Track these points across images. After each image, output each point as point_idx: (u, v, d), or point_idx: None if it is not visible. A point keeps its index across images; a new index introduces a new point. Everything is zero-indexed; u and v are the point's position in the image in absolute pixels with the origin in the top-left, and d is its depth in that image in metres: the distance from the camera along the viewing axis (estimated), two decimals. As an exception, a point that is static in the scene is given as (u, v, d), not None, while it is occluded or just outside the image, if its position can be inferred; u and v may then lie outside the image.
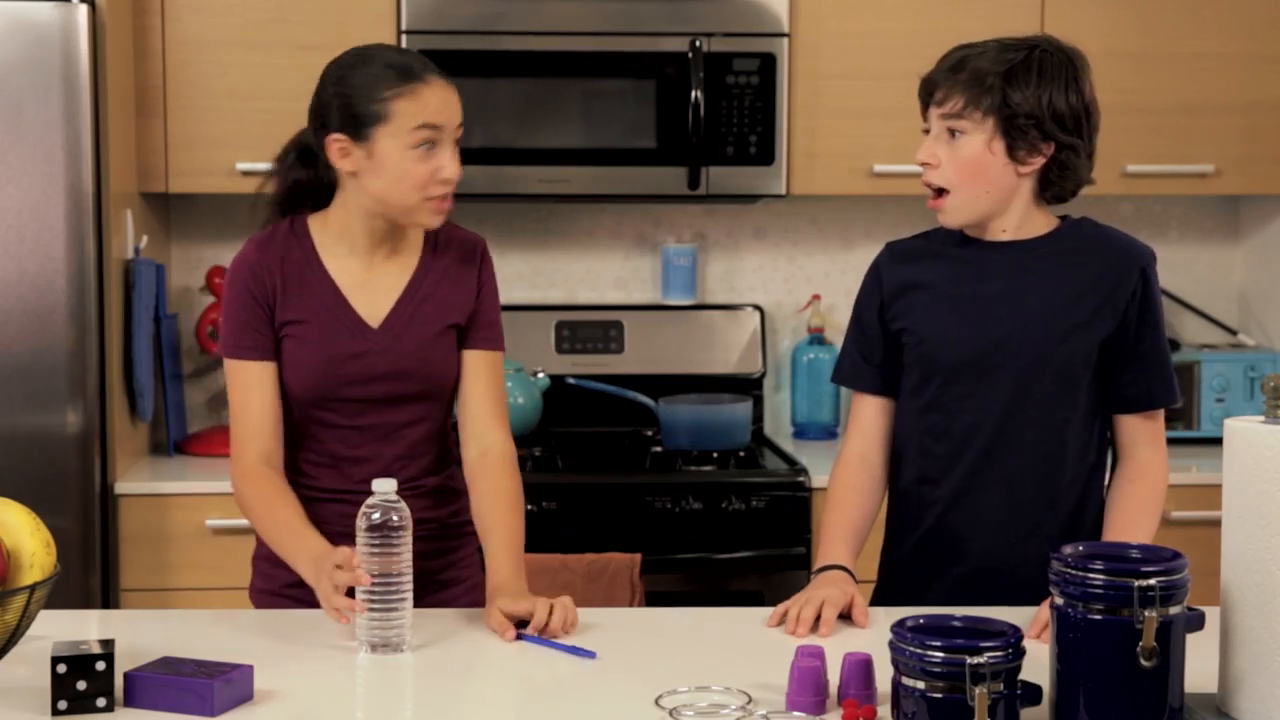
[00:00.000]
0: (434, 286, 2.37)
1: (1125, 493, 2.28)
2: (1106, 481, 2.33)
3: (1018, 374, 2.24)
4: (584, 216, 4.03)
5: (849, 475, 2.37)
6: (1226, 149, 3.74)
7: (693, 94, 3.54)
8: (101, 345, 3.29)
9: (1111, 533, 2.24)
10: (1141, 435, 2.29)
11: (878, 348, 2.36)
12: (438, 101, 2.27)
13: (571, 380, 3.81)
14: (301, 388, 2.34)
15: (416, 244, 2.40)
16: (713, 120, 3.58)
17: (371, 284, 2.36)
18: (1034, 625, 2.05)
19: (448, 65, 3.53)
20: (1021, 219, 2.27)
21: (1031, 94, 2.19)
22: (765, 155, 3.60)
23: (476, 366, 2.40)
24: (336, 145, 2.28)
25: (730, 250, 4.04)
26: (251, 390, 2.32)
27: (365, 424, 2.36)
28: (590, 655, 1.99)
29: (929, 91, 2.25)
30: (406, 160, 2.25)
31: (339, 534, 2.33)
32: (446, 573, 2.42)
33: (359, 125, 2.26)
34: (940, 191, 2.25)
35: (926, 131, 2.26)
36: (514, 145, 3.58)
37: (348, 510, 2.31)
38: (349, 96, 2.26)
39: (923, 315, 2.29)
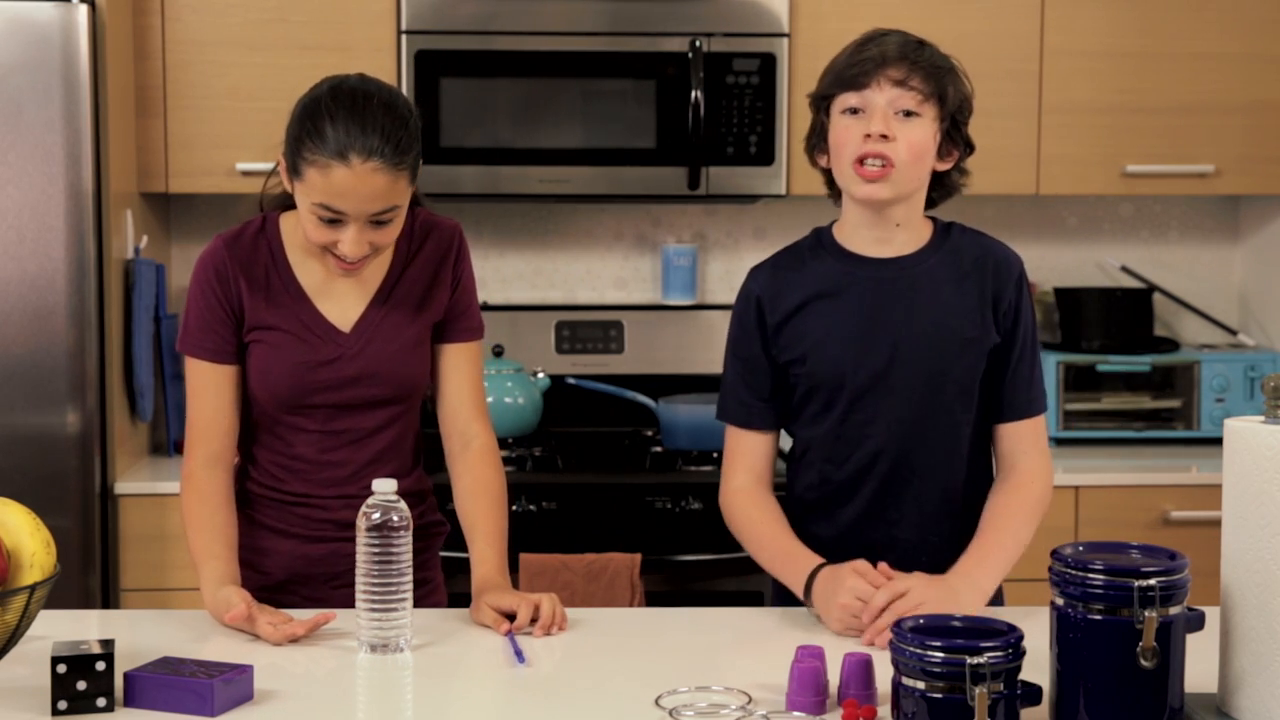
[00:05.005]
0: (409, 287, 2.33)
1: (998, 503, 2.23)
2: None
3: (918, 393, 2.21)
4: (584, 216, 4.03)
5: (754, 499, 2.29)
6: (1226, 149, 3.75)
7: (693, 94, 3.55)
8: (101, 345, 3.29)
9: (977, 536, 2.20)
10: (1023, 442, 2.26)
11: (765, 382, 2.30)
12: (345, 186, 2.14)
13: (571, 380, 3.81)
14: (273, 395, 2.30)
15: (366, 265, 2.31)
16: (713, 120, 3.58)
17: (341, 286, 2.31)
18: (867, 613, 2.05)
19: (448, 65, 3.51)
20: (915, 219, 2.25)
21: (963, 91, 2.23)
22: (765, 155, 3.61)
23: (456, 360, 2.38)
24: (281, 166, 2.24)
25: (730, 250, 4.04)
26: (205, 392, 2.30)
27: (336, 429, 2.33)
28: (521, 661, 1.98)
29: (873, 68, 2.17)
30: (309, 221, 2.19)
31: (306, 538, 2.35)
32: (416, 574, 2.40)
33: (289, 164, 2.21)
34: (885, 165, 2.17)
35: (855, 111, 2.17)
36: (514, 145, 3.58)
37: (313, 514, 2.35)
38: (293, 135, 2.20)
39: (816, 343, 2.24)
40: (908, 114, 2.17)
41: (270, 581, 2.35)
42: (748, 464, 2.32)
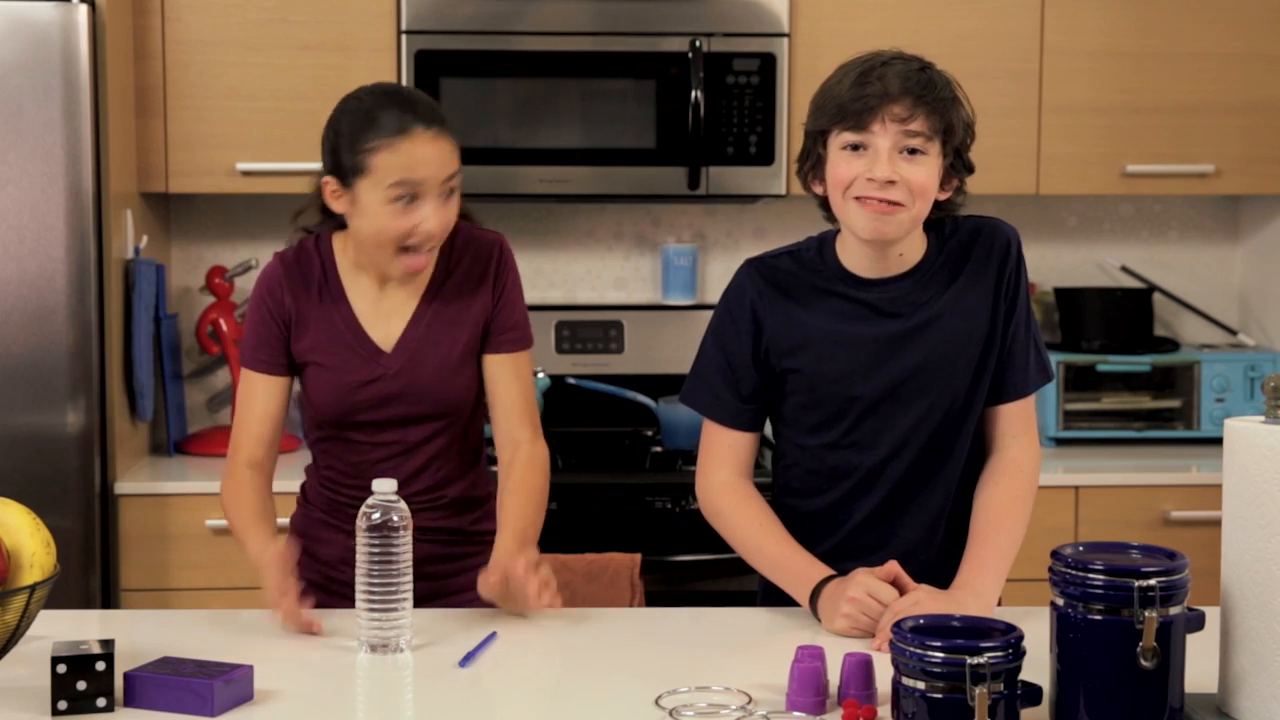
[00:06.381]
0: (445, 305, 2.39)
1: (991, 498, 2.21)
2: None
3: (931, 402, 2.19)
4: (584, 216, 4.03)
5: (743, 497, 2.27)
6: (1226, 149, 3.75)
7: (693, 94, 3.54)
8: (101, 345, 3.29)
9: (974, 540, 2.19)
10: (1014, 425, 2.24)
11: (748, 383, 2.26)
12: (420, 155, 2.25)
13: (571, 380, 3.81)
14: (323, 411, 2.40)
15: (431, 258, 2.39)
16: (713, 120, 3.58)
17: (385, 306, 2.39)
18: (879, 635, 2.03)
19: (448, 65, 3.52)
20: (913, 240, 2.20)
21: (966, 119, 2.15)
22: (765, 155, 3.61)
23: (502, 370, 2.43)
24: (329, 188, 2.31)
25: (730, 250, 4.04)
26: (253, 400, 2.40)
27: (383, 440, 2.40)
28: (462, 665, 1.98)
29: (876, 105, 2.08)
30: (385, 214, 2.26)
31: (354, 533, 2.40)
32: (459, 578, 2.43)
33: (345, 173, 2.28)
34: (894, 204, 2.11)
35: (856, 147, 2.10)
36: (514, 145, 3.58)
37: None
38: (338, 144, 2.29)
39: (822, 358, 2.20)
40: (912, 152, 2.10)
41: (319, 573, 2.43)
42: (730, 458, 2.29)
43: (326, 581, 2.43)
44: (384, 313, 2.39)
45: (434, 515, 2.40)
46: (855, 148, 2.11)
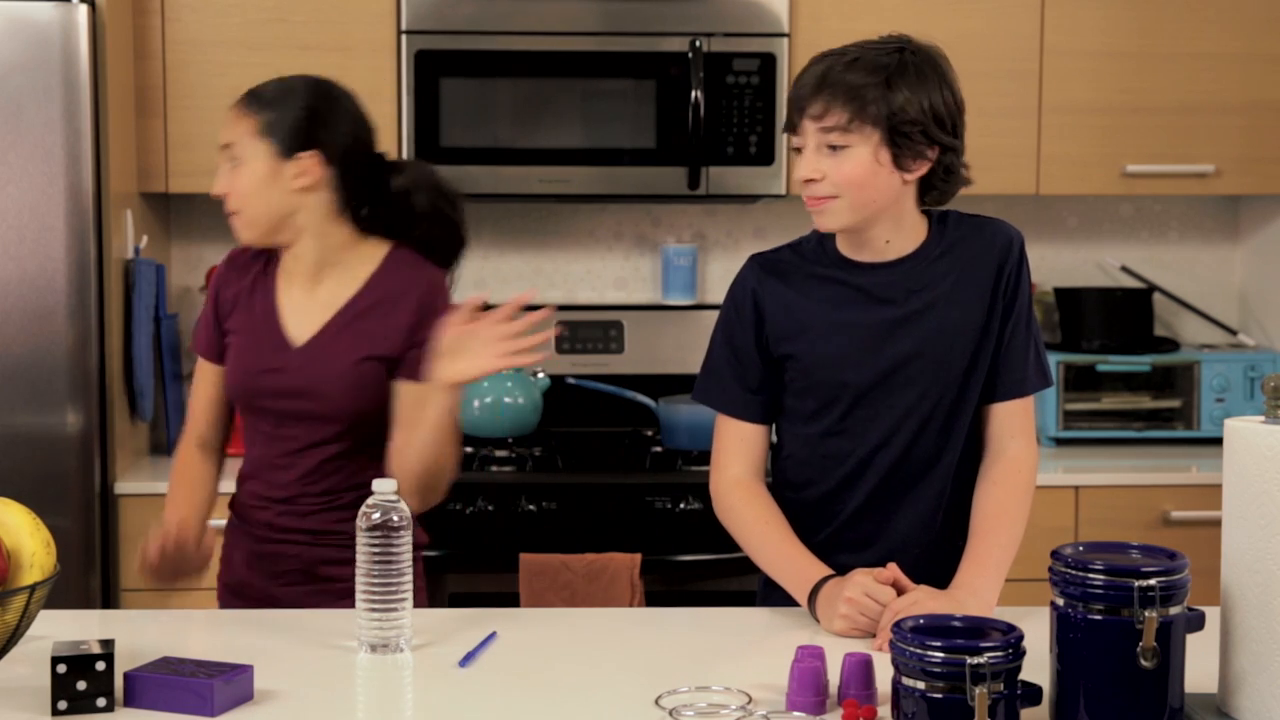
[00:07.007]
0: (363, 314, 2.40)
1: (990, 498, 2.22)
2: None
3: (923, 391, 2.20)
4: (584, 216, 4.03)
5: (753, 493, 2.27)
6: (1226, 149, 3.75)
7: (693, 94, 3.55)
8: (101, 345, 3.29)
9: (973, 540, 2.19)
10: (1011, 426, 2.24)
11: (755, 373, 2.28)
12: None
13: (571, 380, 3.81)
14: (231, 393, 2.49)
15: (363, 273, 2.43)
16: (713, 120, 3.58)
17: (309, 306, 2.44)
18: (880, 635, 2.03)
19: (448, 65, 3.54)
20: (906, 227, 2.21)
21: (913, 98, 2.13)
22: (765, 155, 3.61)
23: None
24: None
25: (730, 250, 4.04)
26: (201, 384, 2.54)
27: (283, 434, 2.43)
28: (462, 664, 1.98)
29: (799, 107, 2.15)
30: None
31: (256, 538, 2.47)
32: (349, 581, 2.38)
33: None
34: (823, 198, 2.16)
35: (799, 149, 2.16)
36: (514, 145, 3.58)
37: (259, 517, 2.47)
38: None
39: (816, 343, 2.22)
40: (833, 148, 2.13)
41: (233, 576, 2.51)
42: (742, 452, 2.30)
43: (239, 585, 2.49)
44: (307, 311, 2.43)
45: (329, 517, 2.40)
46: (799, 150, 2.18)
